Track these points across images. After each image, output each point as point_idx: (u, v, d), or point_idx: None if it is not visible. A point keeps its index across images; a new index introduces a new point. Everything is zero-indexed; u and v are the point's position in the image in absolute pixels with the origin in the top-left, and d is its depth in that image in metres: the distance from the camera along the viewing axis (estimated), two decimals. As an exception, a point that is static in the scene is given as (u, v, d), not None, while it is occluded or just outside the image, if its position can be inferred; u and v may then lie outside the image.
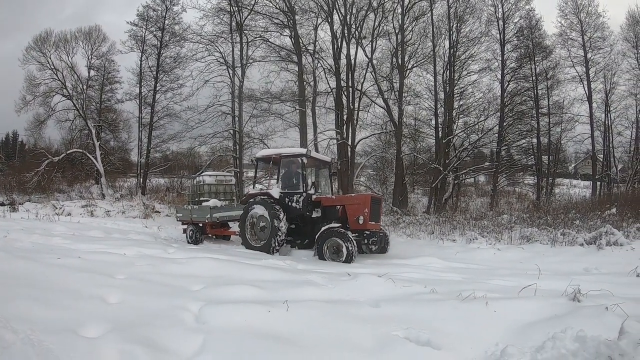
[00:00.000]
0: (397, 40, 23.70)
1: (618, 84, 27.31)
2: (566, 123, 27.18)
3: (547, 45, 26.72)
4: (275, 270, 7.31)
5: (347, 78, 23.71)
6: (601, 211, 15.90)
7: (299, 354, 3.67)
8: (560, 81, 26.94)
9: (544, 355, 3.35)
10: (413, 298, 5.41)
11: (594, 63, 26.80)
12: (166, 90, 27.96)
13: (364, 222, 11.08)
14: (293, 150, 13.59)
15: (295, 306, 4.58)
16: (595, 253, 10.73)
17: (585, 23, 26.71)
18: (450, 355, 3.71)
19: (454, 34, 24.53)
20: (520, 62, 25.87)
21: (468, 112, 25.76)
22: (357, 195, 13.53)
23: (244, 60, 24.56)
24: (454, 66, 24.53)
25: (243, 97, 24.49)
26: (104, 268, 6.26)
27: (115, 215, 22.71)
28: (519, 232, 13.82)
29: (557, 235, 12.74)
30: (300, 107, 23.39)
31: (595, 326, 3.86)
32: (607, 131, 27.51)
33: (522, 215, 17.62)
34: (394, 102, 23.93)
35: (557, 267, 9.49)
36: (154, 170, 29.42)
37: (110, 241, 10.33)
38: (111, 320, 4.06)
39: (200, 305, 4.61)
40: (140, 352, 3.46)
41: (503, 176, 26.81)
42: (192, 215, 15.45)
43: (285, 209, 11.94)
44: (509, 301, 4.99)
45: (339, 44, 23.62)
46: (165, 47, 27.62)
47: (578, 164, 31.87)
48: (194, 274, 6.42)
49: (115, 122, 31.28)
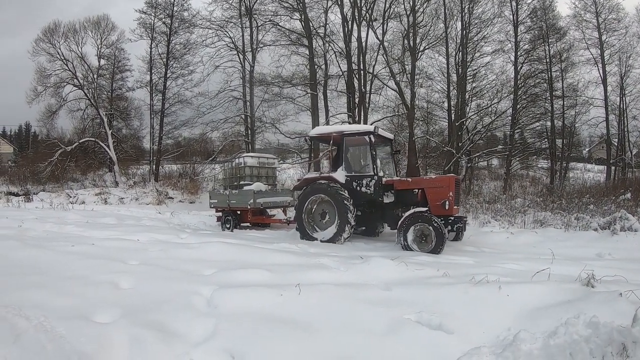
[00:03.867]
0: (408, 22, 23.42)
1: (633, 67, 26.94)
2: (580, 106, 26.89)
3: (561, 27, 26.45)
4: (288, 254, 7.29)
5: (359, 61, 23.49)
6: (615, 196, 15.79)
7: (310, 337, 3.67)
8: (575, 63, 26.66)
9: (556, 340, 3.29)
10: (425, 282, 5.40)
11: (609, 45, 26.48)
12: (177, 77, 28.20)
13: (449, 207, 9.71)
14: (358, 127, 12.38)
15: (307, 290, 4.58)
16: (609, 238, 10.52)
17: (599, 4, 26.31)
18: (462, 340, 3.67)
19: (466, 15, 24.31)
20: (533, 43, 25.52)
21: (481, 94, 25.55)
22: (440, 177, 11.80)
23: (254, 44, 24.63)
24: (466, 48, 24.35)
25: (254, 82, 24.57)
26: (116, 254, 6.32)
27: (129, 202, 23.01)
28: (533, 216, 13.67)
29: (571, 219, 12.57)
30: (311, 90, 23.36)
31: (608, 312, 3.83)
32: (621, 115, 27.23)
33: (535, 199, 17.53)
34: (406, 84, 23.76)
35: (571, 252, 9.36)
36: (166, 156, 29.58)
37: (123, 228, 10.37)
38: (123, 306, 4.09)
39: (211, 290, 4.63)
40: (150, 337, 3.48)
41: (516, 159, 26.68)
42: (229, 200, 14.31)
43: (352, 195, 10.63)
44: (522, 286, 4.94)
45: (349, 27, 23.41)
46: (174, 33, 27.77)
47: (592, 148, 31.54)
48: (206, 258, 6.44)
49: (126, 110, 31.48)
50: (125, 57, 30.76)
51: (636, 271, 6.70)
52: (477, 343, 3.52)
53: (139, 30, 27.57)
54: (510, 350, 3.20)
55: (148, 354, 3.32)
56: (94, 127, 30.72)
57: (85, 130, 30.53)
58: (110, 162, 28.55)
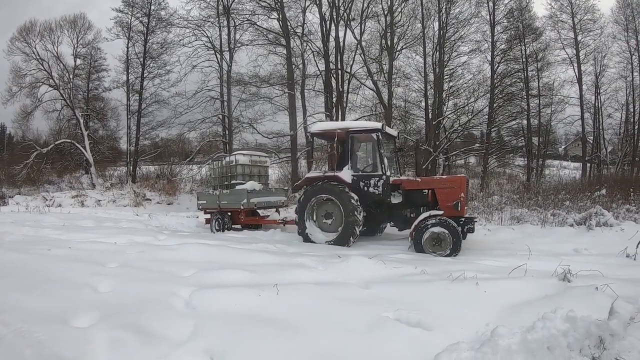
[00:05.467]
0: (385, 21, 23.61)
1: (608, 67, 27.62)
2: (556, 105, 27.43)
3: (537, 27, 26.94)
4: (266, 253, 7.24)
5: (336, 60, 23.52)
6: (591, 192, 15.99)
7: (290, 336, 3.64)
8: (550, 63, 27.24)
9: (534, 335, 3.32)
10: (403, 279, 5.42)
11: (584, 45, 27.04)
12: (154, 77, 27.92)
13: (461, 208, 9.32)
14: (364, 124, 11.57)
15: (286, 289, 4.56)
16: (585, 234, 10.63)
17: (575, 5, 26.85)
18: (441, 336, 3.66)
19: (443, 15, 24.57)
20: (510, 43, 26.03)
21: (458, 93, 25.94)
22: (451, 177, 11.07)
23: (231, 44, 24.50)
24: (443, 47, 24.59)
25: (231, 82, 24.44)
26: (95, 257, 6.22)
27: (106, 204, 22.73)
28: (510, 213, 13.78)
29: (547, 216, 12.73)
30: (289, 90, 23.29)
31: (585, 306, 3.87)
32: (597, 113, 27.78)
33: (512, 196, 17.67)
34: (384, 84, 23.89)
35: (548, 247, 9.45)
36: (143, 157, 29.30)
37: (101, 230, 10.19)
38: (102, 309, 4.03)
39: (190, 291, 4.58)
40: (130, 340, 3.43)
41: (493, 157, 27.13)
42: (220, 201, 13.47)
43: (359, 195, 10.08)
44: (500, 282, 5.01)
45: (327, 26, 23.42)
46: (151, 33, 27.49)
47: (568, 145, 31.99)
48: (184, 259, 6.36)
49: (103, 111, 31.13)
50: (102, 57, 30.51)
51: (612, 265, 6.85)
52: (456, 339, 3.53)
53: (116, 29, 27.32)
54: (488, 345, 3.23)
55: (128, 356, 3.28)
56: (70, 128, 30.31)
57: (61, 132, 30.15)
58: (87, 164, 28.18)
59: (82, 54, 29.72)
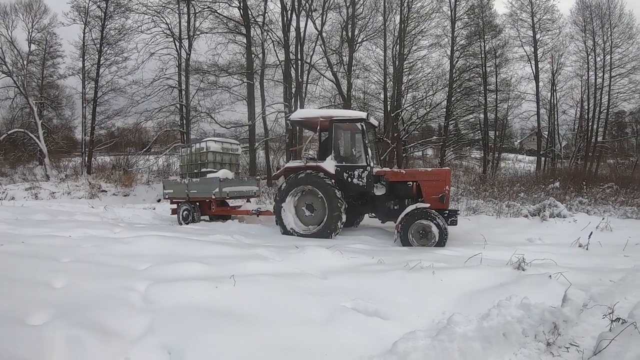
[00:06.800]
0: (347, 13, 23.74)
1: (565, 65, 28.64)
2: (513, 100, 28.27)
3: (497, 25, 27.70)
4: (223, 245, 7.13)
5: (296, 51, 23.44)
6: (545, 185, 16.52)
7: (250, 328, 3.60)
8: (509, 60, 28.00)
9: (490, 322, 3.41)
10: (361, 269, 5.44)
11: (542, 44, 27.95)
12: (110, 64, 26.90)
13: (446, 201, 9.37)
14: (349, 113, 10.94)
15: (243, 281, 4.52)
16: (539, 224, 10.95)
17: (535, 5, 27.68)
18: (398, 325, 3.70)
19: (405, 9, 24.76)
20: (470, 39, 26.66)
21: (417, 86, 26.24)
22: (436, 170, 11.15)
23: (191, 31, 24.06)
24: (404, 41, 24.76)
25: (190, 70, 24.10)
26: (49, 252, 5.95)
27: (61, 196, 21.98)
28: (466, 204, 13.98)
29: (503, 207, 12.99)
30: (248, 80, 23.06)
31: (539, 294, 4.03)
32: (552, 109, 28.73)
33: (468, 187, 18.05)
34: (343, 75, 24.00)
35: (502, 237, 9.66)
36: (99, 148, 28.42)
37: (55, 224, 9.69)
38: (57, 306, 3.86)
39: (147, 285, 4.47)
40: (87, 337, 3.30)
41: (450, 150, 27.65)
42: (189, 190, 12.85)
43: (342, 186, 9.86)
44: (455, 271, 5.11)
45: (288, 16, 23.32)
46: (109, 18, 26.37)
47: (523, 139, 32.87)
48: (140, 253, 6.20)
49: (57, 99, 30.25)
50: (58, 43, 29.56)
51: (565, 255, 7.08)
52: (413, 327, 3.56)
53: (73, 14, 26.09)
54: (445, 333, 3.26)
55: (86, 354, 3.15)
56: (24, 117, 29.16)
57: (14, 121, 29.09)
58: (41, 155, 27.08)
59: (37, 39, 28.81)
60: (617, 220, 11.12)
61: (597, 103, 27.68)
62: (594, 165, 27.14)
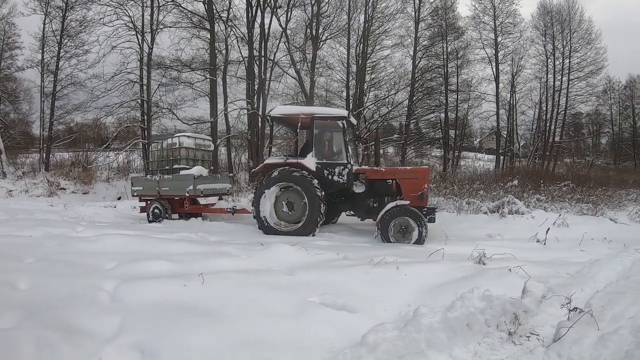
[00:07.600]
0: (312, 11, 23.68)
1: (524, 68, 29.57)
2: (473, 100, 29.06)
3: (460, 27, 28.46)
4: (188, 243, 7.11)
5: (260, 47, 23.31)
6: (504, 183, 16.81)
7: (219, 324, 3.61)
8: (470, 61, 28.80)
9: (454, 313, 3.50)
10: (326, 265, 5.52)
11: (504, 46, 28.84)
12: (71, 57, 25.86)
13: (425, 200, 9.50)
14: (330, 110, 11.16)
15: (211, 278, 4.54)
16: (498, 221, 11.22)
17: (498, 9, 28.57)
18: (366, 318, 3.76)
19: (369, 9, 25.02)
20: (432, 40, 27.24)
21: (379, 85, 26.66)
22: (415, 168, 11.47)
23: (154, 25, 23.48)
24: (367, 40, 25.07)
25: (152, 65, 23.57)
26: (10, 252, 5.84)
27: (18, 194, 21.27)
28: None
29: (463, 204, 13.22)
30: (211, 75, 22.84)
31: (500, 286, 4.15)
32: (511, 110, 29.57)
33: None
34: (306, 73, 23.99)
35: (463, 233, 9.93)
36: (57, 144, 27.34)
37: (14, 223, 9.47)
38: (24, 307, 3.81)
39: (114, 284, 4.42)
40: (57, 338, 3.24)
41: (411, 148, 28.13)
42: (160, 187, 12.32)
43: (322, 183, 9.81)
44: (419, 265, 5.26)
45: (253, 12, 23.18)
46: (70, 9, 25.26)
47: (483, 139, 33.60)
48: (105, 251, 6.12)
49: (15, 92, 29.23)
50: (16, 33, 28.49)
51: (523, 250, 7.39)
52: (381, 320, 3.63)
53: (33, 3, 25.00)
54: (412, 324, 3.33)
55: (56, 357, 3.10)
56: (-21, 112, 28.14)
57: (-31, 115, 27.91)
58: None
59: (-5, 29, 27.60)
60: (573, 216, 11.49)
61: (555, 105, 28.77)
62: (551, 164, 28.17)
